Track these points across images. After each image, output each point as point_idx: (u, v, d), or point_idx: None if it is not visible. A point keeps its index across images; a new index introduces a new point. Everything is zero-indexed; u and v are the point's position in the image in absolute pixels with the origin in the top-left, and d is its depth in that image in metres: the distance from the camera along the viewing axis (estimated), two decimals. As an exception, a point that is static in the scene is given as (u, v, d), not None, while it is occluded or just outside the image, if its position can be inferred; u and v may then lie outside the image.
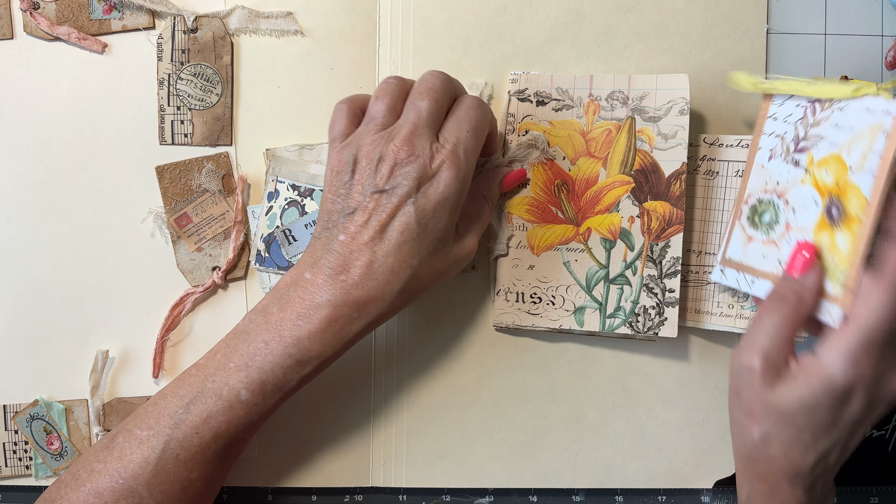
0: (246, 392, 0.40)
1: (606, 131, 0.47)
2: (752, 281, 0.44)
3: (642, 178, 0.47)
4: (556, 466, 0.51)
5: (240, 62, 0.50)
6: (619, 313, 0.48)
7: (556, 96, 0.48)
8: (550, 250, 0.48)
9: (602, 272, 0.48)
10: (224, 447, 0.41)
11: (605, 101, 0.47)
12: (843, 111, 0.41)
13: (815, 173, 0.42)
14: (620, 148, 0.47)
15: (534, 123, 0.48)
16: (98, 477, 0.40)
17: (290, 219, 0.48)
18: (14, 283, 0.50)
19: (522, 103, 0.48)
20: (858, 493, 0.54)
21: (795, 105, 0.44)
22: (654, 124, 0.47)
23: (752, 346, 0.39)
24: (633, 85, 0.47)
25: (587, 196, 0.47)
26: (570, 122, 0.48)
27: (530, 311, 0.48)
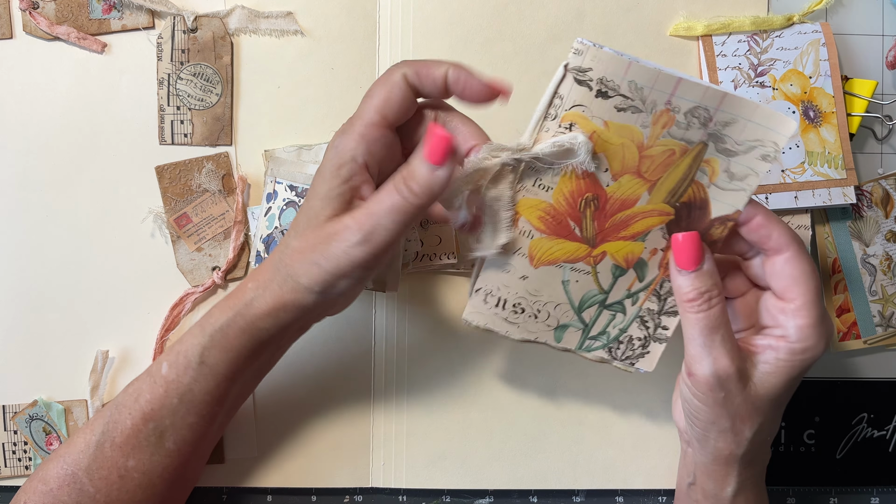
0: (166, 366, 0.41)
1: (669, 152, 0.38)
2: (765, 198, 0.47)
3: (684, 211, 0.39)
4: (556, 467, 0.51)
5: (240, 62, 0.50)
6: (602, 337, 0.43)
7: (625, 91, 0.36)
8: (551, 266, 0.41)
9: (600, 297, 0.42)
10: (154, 433, 0.40)
11: (683, 116, 0.37)
12: (782, 37, 0.49)
13: (782, 88, 0.48)
14: (677, 175, 0.38)
15: (583, 118, 0.37)
16: (49, 463, 0.41)
17: (289, 219, 0.48)
18: (14, 283, 0.50)
19: (578, 87, 0.36)
20: (858, 493, 0.54)
21: (737, 41, 0.49)
22: (725, 158, 0.38)
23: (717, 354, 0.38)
24: (726, 105, 0.37)
25: (616, 219, 0.39)
26: (631, 129, 0.37)
27: (508, 319, 0.42)
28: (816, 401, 0.53)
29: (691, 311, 0.38)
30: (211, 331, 0.40)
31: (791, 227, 0.39)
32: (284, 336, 0.41)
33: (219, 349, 0.40)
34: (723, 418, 0.39)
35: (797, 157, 0.49)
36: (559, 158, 0.37)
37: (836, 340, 0.52)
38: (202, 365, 0.40)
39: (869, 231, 0.52)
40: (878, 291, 0.52)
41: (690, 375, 0.39)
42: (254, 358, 0.41)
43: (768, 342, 0.39)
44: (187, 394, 0.40)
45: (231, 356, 0.40)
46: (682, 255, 0.38)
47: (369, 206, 0.37)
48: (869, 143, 0.52)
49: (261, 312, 0.39)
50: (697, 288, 0.38)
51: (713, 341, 0.38)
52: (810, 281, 0.38)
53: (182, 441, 0.41)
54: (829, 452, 0.53)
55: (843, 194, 0.50)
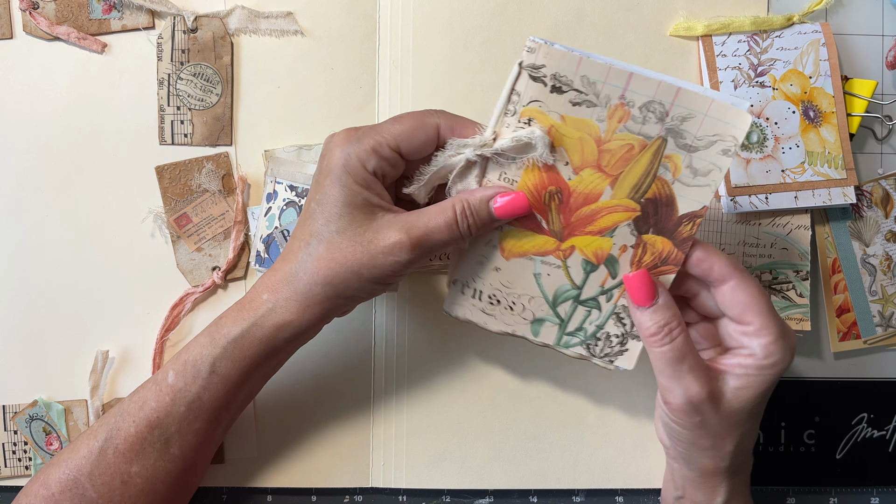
0: (173, 375, 0.41)
1: (628, 147, 0.39)
2: (765, 198, 0.48)
3: (651, 208, 0.40)
4: (556, 467, 0.51)
5: (240, 62, 0.50)
6: (580, 333, 0.43)
7: (578, 86, 0.37)
8: (522, 258, 0.41)
9: (573, 292, 0.42)
10: (160, 440, 0.41)
11: (638, 111, 0.38)
12: (782, 37, 0.49)
13: (782, 88, 0.48)
14: (638, 170, 0.39)
15: (541, 113, 0.38)
16: (51, 468, 0.41)
17: (289, 219, 0.48)
18: (14, 283, 0.50)
19: (534, 83, 0.37)
20: (858, 493, 0.54)
21: (737, 41, 0.49)
22: (686, 154, 0.39)
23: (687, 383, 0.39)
24: (680, 100, 0.37)
25: (581, 213, 0.40)
26: (587, 123, 0.38)
27: (485, 310, 0.43)
28: (816, 401, 0.53)
29: (656, 346, 0.39)
30: (224, 342, 0.40)
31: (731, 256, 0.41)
32: (299, 342, 0.42)
33: (231, 360, 0.40)
34: (702, 438, 0.40)
35: (797, 157, 0.49)
36: (519, 153, 0.39)
37: (836, 340, 0.52)
38: (213, 374, 0.40)
39: (869, 231, 0.52)
40: (878, 291, 0.52)
41: (666, 403, 0.40)
42: (265, 364, 0.41)
43: (737, 360, 0.40)
44: (195, 402, 0.41)
45: (243, 365, 0.40)
46: (636, 293, 0.40)
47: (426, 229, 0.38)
48: (869, 143, 0.52)
49: (282, 322, 0.40)
50: (657, 322, 0.39)
51: (681, 371, 0.39)
52: (761, 301, 0.39)
53: (187, 446, 0.41)
54: (829, 452, 0.53)
55: (844, 194, 0.50)
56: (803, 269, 0.50)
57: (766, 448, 0.53)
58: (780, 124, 0.49)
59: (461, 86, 0.50)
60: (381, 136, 0.39)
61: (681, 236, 0.40)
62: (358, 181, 0.38)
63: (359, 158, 0.38)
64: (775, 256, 0.50)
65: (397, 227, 0.38)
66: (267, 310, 0.40)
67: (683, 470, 0.43)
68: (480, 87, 0.50)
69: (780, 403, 0.53)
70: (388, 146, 0.39)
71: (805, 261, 0.50)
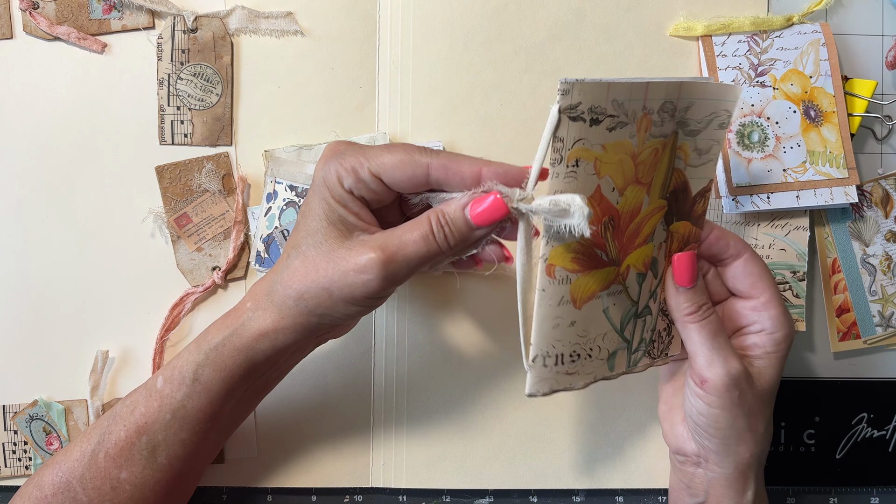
0: (161, 380, 0.40)
1: (654, 151, 0.39)
2: (767, 197, 0.48)
3: (673, 199, 0.41)
4: (556, 466, 0.51)
5: (240, 62, 0.50)
6: (642, 346, 0.42)
7: (611, 112, 0.36)
8: (592, 300, 0.39)
9: (633, 309, 0.41)
10: (147, 447, 0.40)
11: (657, 116, 0.38)
12: (782, 37, 0.50)
13: (783, 88, 0.49)
14: (663, 169, 0.40)
15: (585, 150, 0.36)
16: (45, 469, 0.41)
17: (289, 219, 0.48)
18: (14, 283, 0.50)
19: (573, 123, 0.35)
20: (858, 493, 0.54)
21: (737, 41, 0.50)
22: (692, 139, 0.40)
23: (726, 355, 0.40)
24: (684, 93, 0.38)
25: (629, 230, 0.39)
26: (623, 143, 0.37)
27: (568, 371, 0.39)
28: (816, 401, 0.53)
29: (694, 322, 0.41)
30: (206, 349, 0.40)
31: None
32: (281, 358, 0.41)
33: (212, 367, 0.40)
34: (739, 418, 0.41)
35: (799, 157, 0.49)
36: (556, 217, 0.35)
37: (836, 340, 0.52)
38: (196, 382, 0.40)
39: (869, 231, 0.52)
40: (878, 291, 0.52)
41: (704, 383, 0.40)
42: (248, 378, 0.40)
43: (752, 340, 0.42)
44: (180, 410, 0.40)
45: (224, 375, 0.40)
46: (684, 274, 0.41)
47: (397, 245, 0.37)
48: (869, 143, 0.52)
49: (256, 333, 0.39)
50: (696, 302, 0.41)
51: (720, 344, 0.40)
52: (770, 275, 0.43)
53: (174, 457, 0.41)
54: (829, 452, 0.53)
55: (845, 193, 0.50)
56: (800, 270, 0.51)
57: (766, 448, 0.53)
58: (781, 124, 0.49)
59: (461, 86, 0.50)
60: (365, 158, 0.38)
61: (696, 214, 0.42)
62: (335, 197, 0.38)
63: (337, 174, 0.38)
64: (773, 257, 0.50)
65: (371, 244, 0.37)
66: (247, 318, 0.39)
67: (714, 471, 0.42)
68: (480, 87, 0.50)
69: (781, 403, 0.53)
70: (368, 171, 0.37)
71: (802, 262, 0.50)
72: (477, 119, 0.50)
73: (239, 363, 0.39)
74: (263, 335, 0.39)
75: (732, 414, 0.40)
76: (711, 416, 0.41)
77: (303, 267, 0.38)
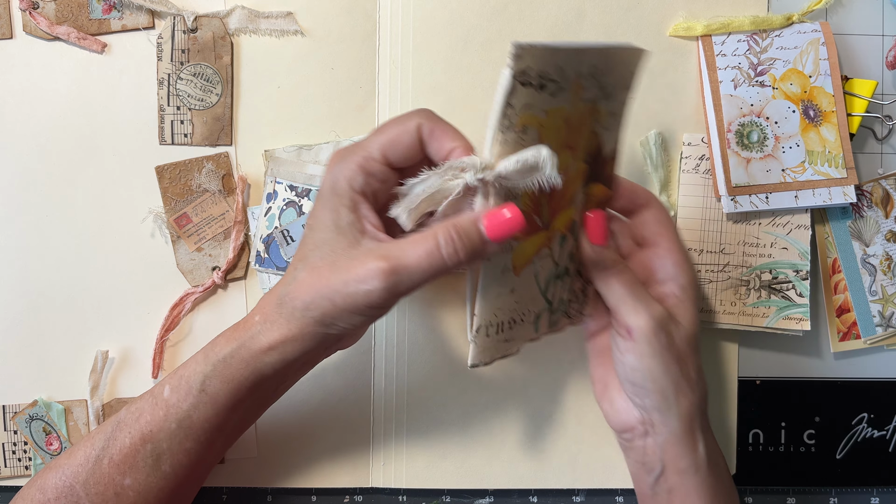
0: (168, 389, 0.40)
1: (581, 116, 0.39)
2: (765, 197, 0.48)
3: (591, 161, 0.41)
4: (556, 467, 0.51)
5: (240, 62, 0.50)
6: (561, 306, 0.42)
7: (555, 76, 0.36)
8: (527, 266, 0.39)
9: (555, 270, 0.41)
10: (152, 455, 0.40)
11: (585, 80, 0.38)
12: (782, 37, 0.50)
13: (782, 87, 0.49)
14: (585, 133, 0.40)
15: (532, 117, 0.36)
16: (48, 472, 0.41)
17: (289, 219, 0.48)
18: (14, 283, 0.50)
19: (524, 88, 0.35)
20: (859, 493, 0.54)
21: (737, 41, 0.49)
22: (607, 102, 0.40)
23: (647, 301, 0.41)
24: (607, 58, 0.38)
25: (559, 194, 0.39)
26: (561, 109, 0.37)
27: (507, 339, 0.40)
28: (816, 401, 0.53)
29: (613, 275, 0.41)
30: (214, 360, 0.40)
31: None
32: (289, 370, 0.40)
33: (220, 379, 0.39)
34: (672, 364, 0.41)
35: (798, 156, 0.49)
36: (525, 175, 0.35)
37: (836, 340, 0.52)
38: (202, 393, 0.40)
39: (869, 231, 0.52)
40: (878, 291, 0.52)
41: (631, 332, 0.41)
42: (255, 390, 0.40)
43: (662, 290, 0.43)
44: (185, 420, 0.40)
45: (232, 387, 0.39)
46: (597, 232, 0.41)
47: (402, 257, 0.36)
48: (869, 143, 0.52)
49: (265, 346, 0.39)
50: (611, 257, 0.42)
51: (640, 293, 0.41)
52: (672, 225, 0.44)
53: (178, 465, 0.41)
54: (829, 452, 0.53)
55: (844, 193, 0.50)
56: (803, 269, 0.50)
57: (766, 448, 0.53)
58: (781, 123, 0.49)
59: (461, 86, 0.50)
60: (366, 150, 0.38)
61: (606, 175, 0.42)
62: (345, 203, 0.37)
63: (345, 178, 0.37)
64: (775, 256, 0.50)
65: (376, 254, 0.36)
66: (255, 331, 0.39)
67: (661, 433, 0.42)
68: (480, 87, 0.50)
69: (781, 403, 0.53)
70: (374, 160, 0.37)
71: (805, 260, 0.50)
72: (477, 119, 0.50)
73: (247, 375, 0.39)
74: (272, 347, 0.39)
75: (664, 360, 0.41)
76: (645, 368, 0.41)
77: (309, 278, 0.37)
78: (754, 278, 0.50)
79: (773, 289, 0.50)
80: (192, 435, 0.40)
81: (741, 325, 0.50)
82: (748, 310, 0.50)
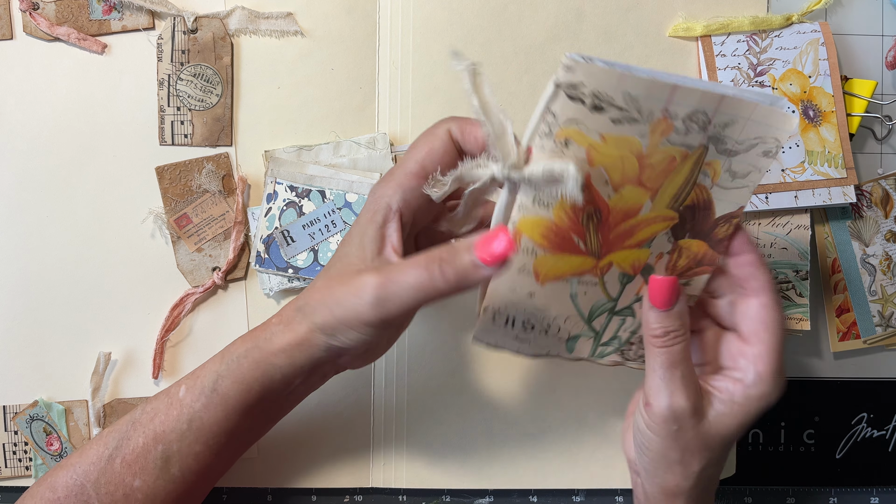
0: (185, 389, 0.40)
1: (670, 159, 0.36)
2: (765, 197, 0.48)
3: (689, 214, 0.38)
4: (556, 467, 0.51)
5: (240, 63, 0.50)
6: (614, 342, 0.42)
7: (620, 103, 0.34)
8: (558, 281, 0.39)
9: (609, 304, 0.40)
10: (162, 457, 0.40)
11: (681, 123, 0.35)
12: (782, 37, 0.50)
13: (782, 87, 0.49)
14: (679, 180, 0.37)
15: (579, 134, 0.35)
16: (59, 471, 0.41)
17: (289, 220, 0.48)
18: (14, 284, 0.50)
19: (571, 103, 0.34)
20: (858, 493, 0.54)
21: (736, 41, 0.49)
22: (726, 158, 0.37)
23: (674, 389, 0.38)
24: (724, 107, 0.35)
25: (620, 229, 0.38)
26: (629, 140, 0.35)
27: (518, 337, 0.40)
28: (816, 401, 0.53)
29: (655, 346, 0.39)
30: (228, 359, 0.40)
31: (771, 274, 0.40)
32: (296, 378, 0.40)
33: (231, 379, 0.40)
34: (673, 451, 0.39)
35: (797, 157, 0.49)
36: (548, 184, 0.35)
37: (836, 340, 0.52)
38: (214, 392, 0.40)
39: (869, 231, 0.52)
40: (878, 291, 0.52)
41: (647, 406, 0.39)
42: (264, 394, 0.40)
43: (725, 384, 0.39)
44: (196, 420, 0.40)
45: (242, 388, 0.40)
46: (657, 295, 0.38)
47: (393, 273, 0.36)
48: (869, 143, 0.52)
49: (276, 348, 0.39)
50: (665, 326, 0.38)
51: (672, 376, 0.38)
52: (778, 330, 0.39)
53: (187, 469, 0.41)
54: (829, 452, 0.53)
55: (843, 193, 0.50)
56: (803, 269, 0.51)
57: (766, 448, 0.53)
58: None
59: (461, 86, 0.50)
60: (404, 167, 0.38)
61: (717, 237, 0.39)
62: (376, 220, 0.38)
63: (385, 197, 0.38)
64: (775, 256, 0.50)
65: (374, 268, 0.37)
66: (270, 333, 0.39)
67: (646, 485, 0.42)
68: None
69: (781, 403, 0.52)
70: (412, 175, 0.38)
71: (805, 260, 0.51)
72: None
73: (256, 377, 0.40)
74: (282, 350, 0.39)
75: (666, 443, 0.39)
76: (647, 436, 0.40)
77: (323, 286, 0.38)
78: (754, 278, 0.50)
79: (772, 289, 0.50)
80: (202, 437, 0.40)
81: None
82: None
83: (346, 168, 0.49)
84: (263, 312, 0.50)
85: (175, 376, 0.50)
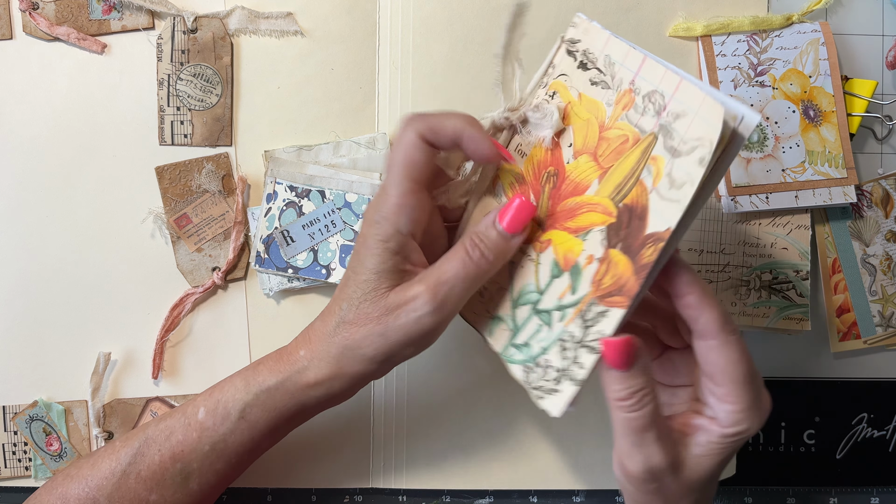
0: (203, 412, 0.40)
1: (623, 138, 0.35)
2: (766, 197, 0.48)
3: (625, 216, 0.35)
4: (556, 467, 0.51)
5: (240, 62, 0.50)
6: (525, 350, 0.39)
7: (600, 65, 0.37)
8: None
9: (535, 296, 0.38)
10: (181, 474, 0.40)
11: (641, 99, 0.35)
12: (782, 37, 0.50)
13: (782, 87, 0.49)
14: (626, 167, 0.35)
15: (564, 87, 0.38)
16: (70, 482, 0.41)
17: (289, 220, 0.48)
18: (14, 284, 0.50)
19: (567, 57, 0.38)
20: (858, 493, 0.54)
21: (736, 41, 0.50)
22: (670, 158, 0.34)
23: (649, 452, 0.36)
24: (680, 94, 0.33)
25: (566, 204, 0.37)
26: (598, 105, 0.37)
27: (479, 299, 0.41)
28: (816, 401, 0.53)
29: (623, 412, 0.36)
30: (257, 389, 0.40)
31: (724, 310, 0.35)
32: (331, 402, 0.41)
33: (262, 408, 0.40)
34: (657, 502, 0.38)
35: (797, 157, 0.49)
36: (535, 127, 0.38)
37: (836, 340, 0.52)
38: (241, 420, 0.40)
39: (869, 231, 0.52)
40: (878, 291, 0.52)
41: (622, 469, 0.37)
42: (295, 418, 0.41)
43: (701, 423, 0.37)
44: (220, 443, 0.40)
45: (273, 416, 0.40)
46: (615, 357, 0.35)
47: (439, 274, 0.37)
48: (869, 143, 0.52)
49: (313, 381, 0.39)
50: (630, 387, 0.35)
51: (645, 439, 0.35)
52: (738, 369, 0.35)
53: (206, 484, 0.41)
54: (829, 452, 0.53)
55: (844, 193, 0.50)
56: (803, 269, 0.51)
57: (766, 448, 0.53)
58: (780, 124, 0.49)
59: (461, 86, 0.50)
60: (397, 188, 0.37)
61: (641, 261, 0.34)
62: (391, 248, 0.38)
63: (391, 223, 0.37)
64: (775, 256, 0.50)
65: (417, 281, 0.38)
66: (302, 367, 0.40)
67: None
68: (480, 87, 0.50)
69: (781, 403, 0.53)
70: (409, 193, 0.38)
71: (805, 261, 0.50)
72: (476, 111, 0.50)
73: (290, 407, 0.40)
74: (319, 383, 0.39)
75: (648, 498, 0.37)
76: (628, 491, 0.38)
77: (357, 319, 0.38)
78: (754, 278, 0.50)
79: (773, 289, 0.50)
80: (225, 457, 0.41)
81: (741, 326, 0.50)
82: (748, 310, 0.50)
83: (345, 168, 0.49)
84: (263, 312, 0.50)
85: (175, 376, 0.50)
